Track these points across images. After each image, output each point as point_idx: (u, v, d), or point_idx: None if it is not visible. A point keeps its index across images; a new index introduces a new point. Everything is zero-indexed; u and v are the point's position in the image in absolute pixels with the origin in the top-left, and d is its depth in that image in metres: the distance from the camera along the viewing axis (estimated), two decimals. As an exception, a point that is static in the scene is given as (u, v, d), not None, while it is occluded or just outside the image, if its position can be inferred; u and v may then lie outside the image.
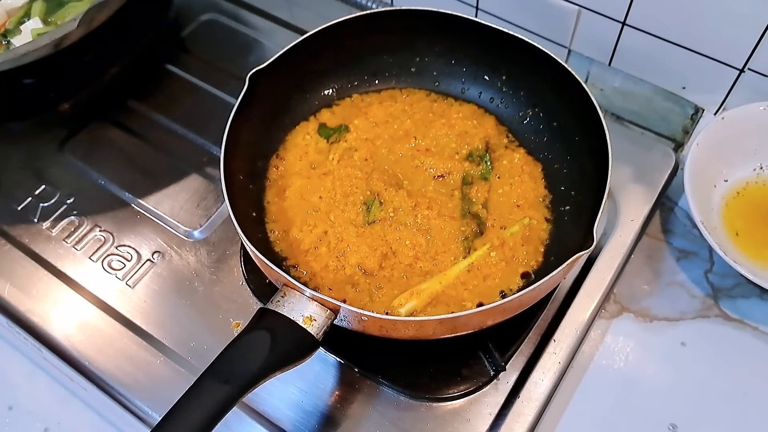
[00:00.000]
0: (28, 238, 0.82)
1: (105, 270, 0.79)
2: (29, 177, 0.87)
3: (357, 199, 0.75)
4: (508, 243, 0.71)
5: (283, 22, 1.03)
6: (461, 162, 0.78)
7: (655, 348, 0.73)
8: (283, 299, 0.60)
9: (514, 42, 0.75)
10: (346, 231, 0.73)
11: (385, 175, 0.77)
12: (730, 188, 0.80)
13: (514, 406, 0.68)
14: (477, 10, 0.94)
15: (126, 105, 0.94)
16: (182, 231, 0.82)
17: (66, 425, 0.78)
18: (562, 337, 0.71)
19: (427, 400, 0.69)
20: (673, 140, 0.88)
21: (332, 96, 0.84)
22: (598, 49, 0.88)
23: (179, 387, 0.55)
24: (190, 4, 1.06)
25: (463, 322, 0.61)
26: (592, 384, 0.71)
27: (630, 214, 0.79)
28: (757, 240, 0.77)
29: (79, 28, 0.80)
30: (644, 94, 0.88)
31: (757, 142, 0.80)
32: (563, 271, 0.60)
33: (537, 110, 0.79)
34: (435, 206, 0.74)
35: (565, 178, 0.75)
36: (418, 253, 0.71)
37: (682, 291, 0.77)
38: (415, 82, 0.85)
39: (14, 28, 0.93)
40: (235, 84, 0.93)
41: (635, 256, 0.79)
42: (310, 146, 0.80)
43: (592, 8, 0.83)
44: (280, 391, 0.70)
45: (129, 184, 0.86)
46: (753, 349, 0.73)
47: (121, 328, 0.75)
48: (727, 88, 0.82)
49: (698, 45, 0.79)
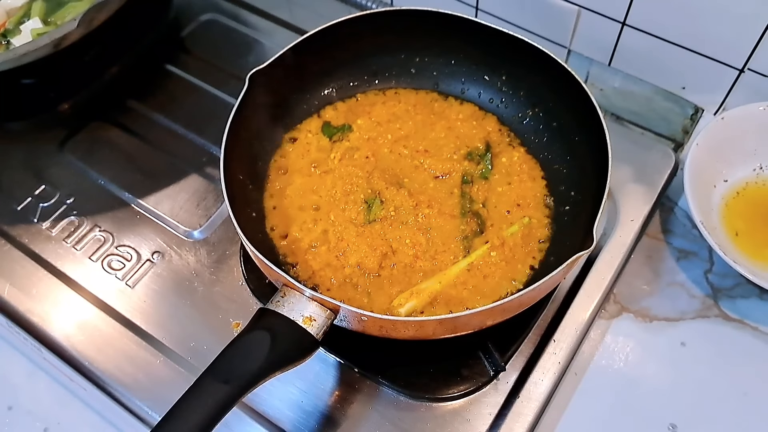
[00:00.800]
0: (27, 238, 0.82)
1: (105, 270, 0.79)
2: (29, 177, 0.87)
3: (358, 197, 0.75)
4: (507, 243, 0.72)
5: (283, 22, 1.03)
6: (461, 161, 0.78)
7: (655, 348, 0.73)
8: (282, 299, 0.60)
9: (514, 42, 0.75)
10: (346, 230, 0.73)
11: (386, 174, 0.77)
12: (729, 188, 0.80)
13: (514, 406, 0.68)
14: (477, 11, 0.94)
15: (126, 105, 0.94)
16: (182, 231, 0.82)
17: (66, 425, 0.78)
18: (562, 337, 0.71)
19: (427, 400, 0.69)
20: (673, 140, 0.88)
21: (332, 96, 0.84)
22: (597, 49, 0.88)
23: (179, 387, 0.55)
24: (190, 4, 1.06)
25: (463, 322, 0.61)
26: (591, 384, 0.71)
27: (630, 214, 0.79)
28: (757, 240, 0.77)
29: (78, 28, 0.80)
30: (644, 94, 0.88)
31: (756, 143, 0.80)
32: (563, 271, 0.60)
33: (537, 110, 0.79)
34: (435, 205, 0.74)
35: (564, 178, 0.75)
36: (418, 252, 0.71)
37: (682, 291, 0.77)
38: (415, 82, 0.85)
39: (14, 28, 0.93)
40: (235, 84, 0.93)
41: (635, 256, 0.79)
42: (311, 145, 0.80)
43: (592, 8, 0.83)
44: (280, 391, 0.70)
45: (129, 184, 0.86)
46: (753, 349, 0.73)
47: (121, 328, 0.75)
48: (727, 88, 0.82)
49: (698, 45, 0.79)
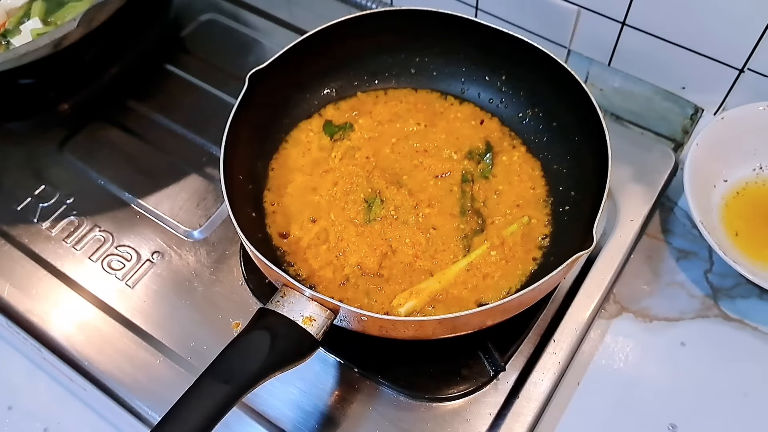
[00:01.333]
0: (27, 238, 0.82)
1: (105, 270, 0.79)
2: (29, 177, 0.87)
3: (358, 197, 0.75)
4: (507, 242, 0.72)
5: (283, 22, 1.03)
6: (461, 161, 0.78)
7: (654, 348, 0.73)
8: (282, 299, 0.60)
9: (514, 42, 0.75)
10: (346, 230, 0.73)
11: (386, 173, 0.77)
12: (729, 188, 0.80)
13: (514, 406, 0.68)
14: (477, 10, 0.94)
15: (126, 105, 0.94)
16: (182, 231, 0.82)
17: (66, 425, 0.78)
18: (561, 337, 0.71)
19: (427, 400, 0.69)
20: (673, 140, 0.88)
21: (332, 96, 0.84)
22: (597, 49, 0.88)
23: (179, 387, 0.55)
24: (190, 4, 1.06)
25: (462, 322, 0.61)
26: (591, 384, 0.71)
27: (630, 214, 0.79)
28: (757, 240, 0.77)
29: (78, 28, 0.80)
30: (644, 94, 0.88)
31: (756, 143, 0.80)
32: (563, 271, 0.60)
33: (537, 110, 0.79)
34: (435, 204, 0.75)
35: (564, 178, 0.76)
36: (417, 252, 0.72)
37: (682, 291, 0.77)
38: (415, 82, 0.85)
39: (14, 28, 0.93)
40: (234, 84, 0.92)
41: (635, 256, 0.79)
42: (312, 144, 0.80)
43: (592, 8, 0.83)
44: (280, 391, 0.70)
45: (129, 184, 0.86)
46: (752, 349, 0.73)
47: (121, 328, 0.75)
48: (727, 88, 0.82)
49: (698, 45, 0.79)
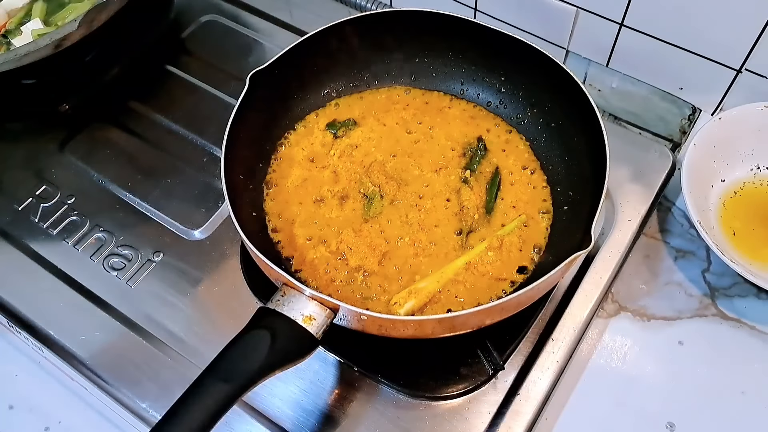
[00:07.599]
0: (28, 238, 0.82)
1: (105, 269, 0.79)
2: (30, 177, 0.88)
3: (357, 194, 0.75)
4: (505, 242, 0.72)
5: (283, 23, 1.03)
6: (460, 161, 0.78)
7: (652, 347, 0.74)
8: (282, 298, 0.60)
9: (513, 43, 0.75)
10: (346, 229, 0.73)
11: (385, 172, 0.77)
12: (727, 188, 0.81)
13: (513, 405, 0.68)
14: (475, 12, 0.94)
15: (126, 105, 0.95)
16: (182, 231, 0.82)
17: (66, 424, 0.79)
18: (560, 336, 0.72)
19: (426, 399, 0.69)
20: (671, 140, 0.88)
21: (332, 96, 0.84)
22: (595, 50, 0.88)
23: (179, 386, 0.55)
24: (190, 5, 1.06)
25: (461, 322, 0.61)
26: (590, 383, 0.72)
27: (628, 214, 0.80)
28: (754, 240, 0.77)
29: (79, 29, 0.80)
30: (642, 94, 0.89)
31: (754, 143, 0.80)
32: (561, 271, 0.60)
33: (535, 111, 0.80)
34: (434, 204, 0.75)
35: (563, 178, 0.76)
36: (417, 250, 0.72)
37: (680, 290, 0.77)
38: (414, 82, 0.85)
39: (15, 28, 0.93)
40: (235, 85, 0.93)
41: (633, 256, 0.79)
42: (312, 144, 0.81)
43: (590, 9, 0.83)
44: (280, 390, 0.70)
45: (129, 184, 0.86)
46: (750, 348, 0.73)
47: (122, 328, 0.75)
48: (724, 88, 0.82)
49: (695, 46, 0.80)
